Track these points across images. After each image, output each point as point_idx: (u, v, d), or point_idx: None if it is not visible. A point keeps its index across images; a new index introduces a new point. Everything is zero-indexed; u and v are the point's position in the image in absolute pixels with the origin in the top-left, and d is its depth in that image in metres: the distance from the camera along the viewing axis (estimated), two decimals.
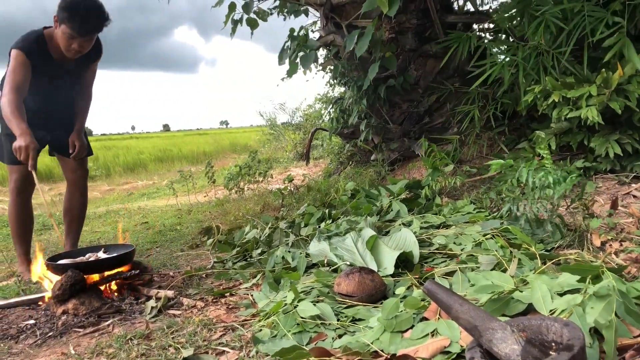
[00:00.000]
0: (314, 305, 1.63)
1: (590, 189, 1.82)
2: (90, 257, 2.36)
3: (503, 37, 3.63)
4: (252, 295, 2.02)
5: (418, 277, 1.82)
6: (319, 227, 2.64)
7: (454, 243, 2.11)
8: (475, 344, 1.09)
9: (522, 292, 1.38)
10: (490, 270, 1.65)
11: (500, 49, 3.32)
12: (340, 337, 1.48)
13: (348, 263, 2.06)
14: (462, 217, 2.51)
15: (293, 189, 4.33)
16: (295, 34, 4.21)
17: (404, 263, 2.01)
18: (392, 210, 2.81)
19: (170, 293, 2.13)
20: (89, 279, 2.17)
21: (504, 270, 1.66)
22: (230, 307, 1.97)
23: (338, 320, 1.58)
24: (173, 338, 1.66)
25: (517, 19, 3.27)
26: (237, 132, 40.68)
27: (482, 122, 3.53)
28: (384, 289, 1.75)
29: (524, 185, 2.11)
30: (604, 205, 2.32)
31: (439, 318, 1.38)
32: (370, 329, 1.45)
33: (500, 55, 3.17)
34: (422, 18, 3.83)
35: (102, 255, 2.38)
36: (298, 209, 3.24)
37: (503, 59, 3.04)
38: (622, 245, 1.86)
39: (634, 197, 2.42)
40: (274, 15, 4.64)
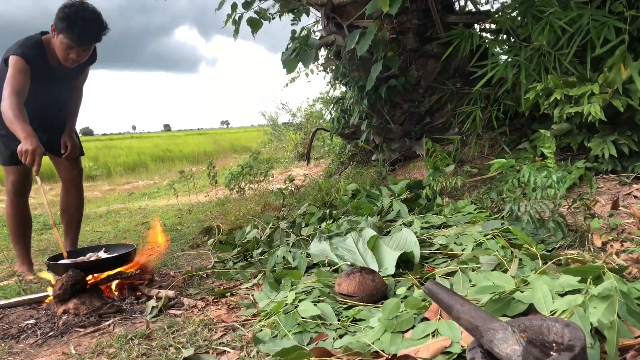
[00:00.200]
0: (315, 306, 1.63)
1: (592, 190, 1.82)
2: (91, 256, 2.36)
3: (504, 37, 3.62)
4: (252, 295, 2.02)
5: (419, 277, 1.82)
6: (320, 227, 2.63)
7: (455, 243, 2.11)
8: (476, 345, 1.09)
9: (523, 292, 1.38)
10: (491, 271, 1.65)
11: (502, 49, 3.31)
12: (341, 337, 1.48)
13: (349, 263, 2.06)
14: (463, 217, 2.51)
15: (294, 189, 4.33)
16: (297, 35, 4.21)
17: (405, 263, 2.01)
18: (392, 211, 2.81)
19: (171, 293, 2.13)
20: (96, 278, 2.18)
21: (505, 271, 1.66)
22: (231, 307, 1.97)
23: (339, 321, 1.58)
24: (174, 338, 1.66)
25: (518, 19, 3.27)
26: (237, 132, 40.70)
27: (484, 122, 3.53)
28: (385, 289, 1.75)
29: (525, 186, 2.11)
30: (605, 206, 2.32)
31: (440, 318, 1.38)
32: (371, 329, 1.45)
33: (503, 56, 3.16)
34: (423, 18, 3.83)
35: (102, 255, 2.39)
36: (299, 209, 3.24)
37: (506, 60, 3.04)
38: (623, 246, 1.86)
39: (635, 197, 2.42)
40: (275, 16, 4.64)
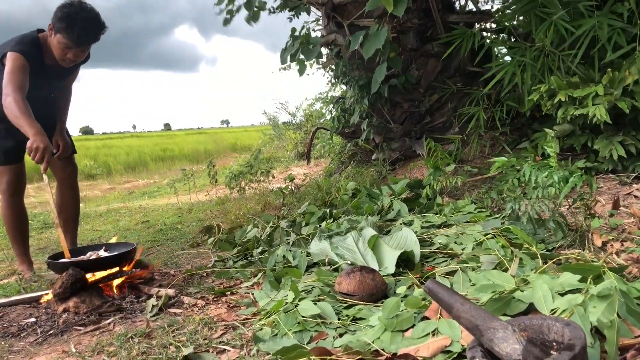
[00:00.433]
0: (315, 304, 1.63)
1: (592, 190, 1.82)
2: (92, 255, 2.37)
3: (504, 37, 3.62)
4: (253, 294, 2.02)
5: (419, 276, 1.82)
6: (320, 226, 2.63)
7: (455, 242, 2.11)
8: (476, 344, 1.09)
9: (523, 291, 1.38)
10: (491, 270, 1.65)
11: (506, 48, 3.30)
12: (341, 336, 1.48)
13: (349, 262, 2.06)
14: (463, 216, 2.51)
15: (294, 188, 4.33)
16: (297, 34, 4.20)
17: (405, 262, 2.01)
18: (393, 210, 2.81)
19: (171, 292, 2.13)
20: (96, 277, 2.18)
21: (505, 270, 1.66)
22: (231, 305, 1.97)
23: (339, 320, 1.58)
24: (174, 336, 1.66)
25: (520, 19, 3.25)
26: (237, 131, 40.73)
27: (486, 122, 3.52)
28: (385, 288, 1.75)
29: (525, 185, 2.11)
30: (605, 206, 2.32)
31: (440, 317, 1.38)
32: (371, 328, 1.45)
33: (507, 57, 3.14)
34: (423, 17, 3.83)
35: (103, 254, 2.39)
36: (299, 208, 3.24)
37: (513, 59, 3.01)
38: (623, 246, 1.86)
39: (635, 197, 2.42)
40: (275, 14, 4.63)
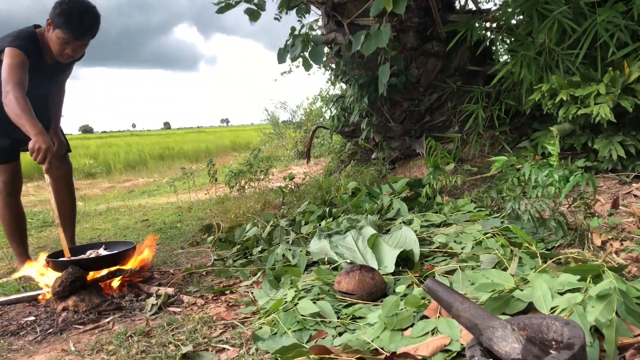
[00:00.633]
0: (314, 303, 1.63)
1: (592, 189, 1.82)
2: (91, 254, 2.36)
3: (505, 35, 3.61)
4: (252, 293, 2.02)
5: (418, 275, 1.83)
6: (320, 225, 2.64)
7: (455, 242, 2.11)
8: (476, 342, 1.09)
9: (522, 290, 1.38)
10: (491, 269, 1.65)
11: (510, 43, 3.28)
12: (341, 335, 1.48)
13: (348, 261, 2.06)
14: (462, 215, 2.51)
15: (294, 187, 4.33)
16: (297, 32, 4.19)
17: (405, 261, 2.01)
18: (392, 209, 2.81)
19: (171, 290, 2.13)
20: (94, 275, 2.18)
21: (505, 269, 1.66)
22: (231, 304, 1.97)
23: (338, 318, 1.58)
24: (173, 335, 1.66)
25: (520, 18, 3.24)
26: (237, 130, 40.75)
27: (484, 121, 3.52)
28: (384, 287, 1.75)
29: (525, 184, 2.11)
30: (605, 205, 2.32)
31: (439, 316, 1.38)
32: (371, 327, 1.45)
33: (505, 56, 3.13)
34: (423, 16, 3.82)
35: (102, 252, 2.39)
36: (299, 207, 3.24)
37: (516, 55, 2.99)
38: (622, 245, 1.86)
39: (635, 196, 2.42)
40: (274, 13, 4.62)
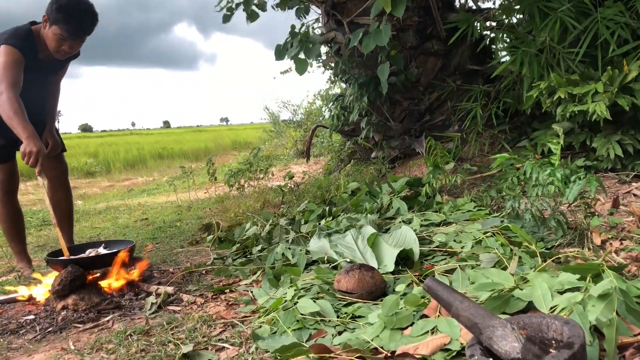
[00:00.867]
0: (314, 302, 1.63)
1: (593, 187, 1.81)
2: (91, 252, 2.36)
3: (506, 33, 3.60)
4: (252, 292, 2.02)
5: (418, 274, 1.82)
6: (319, 224, 2.63)
7: (454, 241, 2.11)
8: (475, 342, 1.09)
9: (522, 289, 1.38)
10: (491, 268, 1.65)
11: (511, 39, 3.27)
12: (340, 334, 1.48)
13: (348, 260, 2.06)
14: (462, 214, 2.51)
15: (293, 186, 4.33)
16: (296, 31, 4.19)
17: (404, 260, 2.01)
18: (392, 208, 2.81)
19: (170, 289, 2.13)
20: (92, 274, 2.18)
21: (504, 268, 1.66)
22: (230, 303, 1.97)
23: (338, 317, 1.58)
24: (173, 334, 1.66)
25: (520, 17, 3.24)
26: (237, 129, 40.74)
27: (483, 120, 3.52)
28: (384, 286, 1.75)
29: (525, 183, 2.11)
30: (605, 204, 2.32)
31: (439, 315, 1.38)
32: (370, 326, 1.45)
33: (511, 51, 3.11)
34: (423, 15, 3.82)
35: (102, 251, 2.38)
36: (298, 206, 3.24)
37: (517, 51, 2.98)
38: (622, 244, 1.86)
39: (635, 195, 2.42)
40: (273, 12, 4.61)
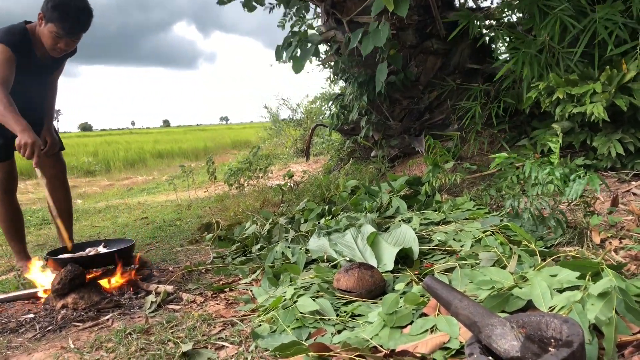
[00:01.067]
0: (314, 301, 1.63)
1: (596, 185, 1.81)
2: (90, 251, 2.36)
3: (505, 32, 3.60)
4: (251, 291, 2.02)
5: (417, 273, 1.83)
6: (319, 223, 2.63)
7: (454, 240, 2.11)
8: (475, 340, 1.09)
9: (521, 288, 1.38)
10: (490, 267, 1.65)
11: (508, 41, 3.27)
12: (340, 332, 1.48)
13: (347, 259, 2.06)
14: (461, 213, 2.51)
15: (293, 185, 4.33)
16: (296, 29, 4.18)
17: (404, 259, 2.01)
18: (392, 207, 2.81)
19: (170, 288, 2.13)
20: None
21: (504, 267, 1.66)
22: (230, 302, 1.97)
23: (337, 316, 1.58)
24: (172, 333, 1.66)
25: (520, 15, 3.23)
26: (237, 128, 40.74)
27: (483, 119, 3.52)
28: (384, 285, 1.75)
29: (525, 182, 2.11)
30: (604, 203, 2.32)
31: (439, 314, 1.38)
32: (370, 325, 1.45)
33: (512, 52, 3.11)
34: (423, 14, 3.82)
35: (102, 250, 2.39)
36: (298, 205, 3.24)
37: (517, 52, 2.98)
38: (621, 243, 1.86)
39: (634, 194, 2.42)
40: (272, 11, 4.61)
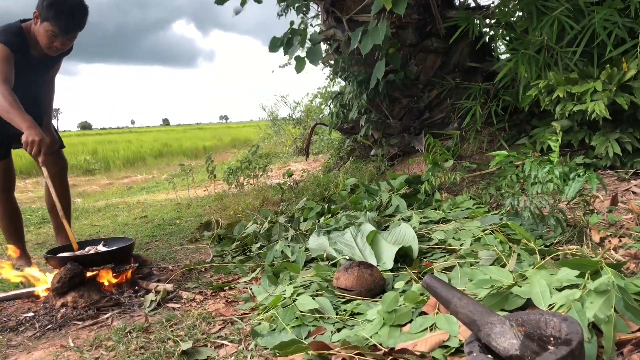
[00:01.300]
0: (313, 299, 1.63)
1: (594, 184, 1.81)
2: (90, 250, 2.36)
3: (505, 32, 3.60)
4: (251, 289, 2.02)
5: (417, 271, 1.83)
6: (319, 221, 2.64)
7: (453, 238, 2.12)
8: (474, 338, 1.09)
9: (521, 287, 1.39)
10: (490, 265, 1.65)
11: (511, 39, 3.28)
12: (339, 331, 1.48)
13: (347, 257, 2.06)
14: (461, 212, 2.52)
15: (292, 184, 4.33)
16: (296, 27, 4.17)
17: (403, 258, 2.02)
18: (391, 205, 2.81)
19: (170, 286, 2.14)
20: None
21: (503, 265, 1.66)
22: (229, 300, 1.97)
23: (337, 314, 1.58)
24: (172, 331, 1.66)
25: (519, 15, 3.23)
26: (236, 126, 40.73)
27: (483, 117, 3.52)
28: (383, 284, 1.75)
29: (524, 181, 2.11)
30: (604, 202, 2.32)
31: (438, 312, 1.38)
32: (369, 323, 1.45)
33: (511, 52, 3.11)
34: (423, 13, 3.82)
35: (101, 249, 2.39)
36: (297, 204, 3.24)
37: (517, 52, 2.98)
38: (621, 241, 1.86)
39: (634, 193, 2.42)
40: (272, 11, 4.61)
